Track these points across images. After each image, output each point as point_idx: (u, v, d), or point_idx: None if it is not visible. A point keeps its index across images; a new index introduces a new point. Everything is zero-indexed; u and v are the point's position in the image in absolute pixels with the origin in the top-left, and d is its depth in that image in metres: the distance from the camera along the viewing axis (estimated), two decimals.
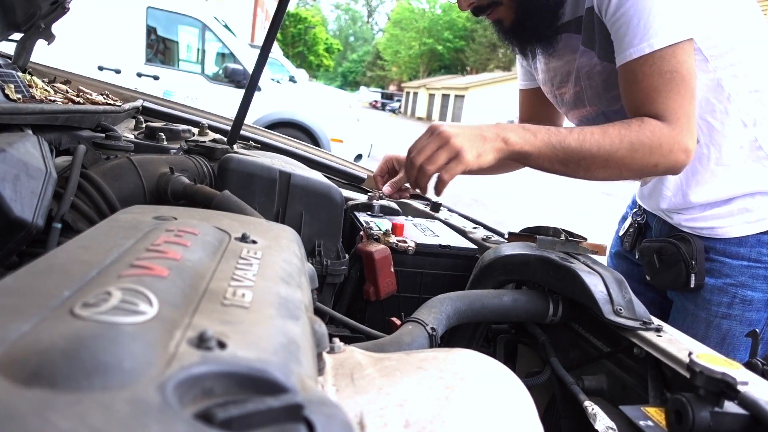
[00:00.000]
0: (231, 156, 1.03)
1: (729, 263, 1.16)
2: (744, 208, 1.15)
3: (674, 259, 1.18)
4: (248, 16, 21.80)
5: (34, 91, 1.09)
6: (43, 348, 0.26)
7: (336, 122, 6.47)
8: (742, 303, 1.15)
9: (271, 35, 1.33)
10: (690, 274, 1.16)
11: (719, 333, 1.16)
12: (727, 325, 1.16)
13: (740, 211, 1.16)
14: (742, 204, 1.15)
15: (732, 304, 1.16)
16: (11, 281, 0.34)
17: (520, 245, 1.02)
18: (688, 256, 1.17)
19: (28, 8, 1.30)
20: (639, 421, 0.64)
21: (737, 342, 1.16)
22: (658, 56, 1.01)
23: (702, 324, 1.17)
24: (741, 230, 1.16)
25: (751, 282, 1.15)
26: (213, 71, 6.48)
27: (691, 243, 1.17)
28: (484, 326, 1.03)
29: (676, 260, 1.18)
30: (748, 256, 1.15)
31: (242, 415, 0.26)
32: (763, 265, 1.15)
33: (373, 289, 1.09)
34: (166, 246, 0.42)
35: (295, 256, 0.53)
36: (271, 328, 0.35)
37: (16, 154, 0.75)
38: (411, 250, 1.14)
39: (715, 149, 1.14)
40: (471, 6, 1.18)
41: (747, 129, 1.12)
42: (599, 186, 10.17)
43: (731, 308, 1.16)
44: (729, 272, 1.16)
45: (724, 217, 1.17)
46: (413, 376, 0.47)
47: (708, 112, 1.13)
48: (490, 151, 1.01)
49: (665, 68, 1.01)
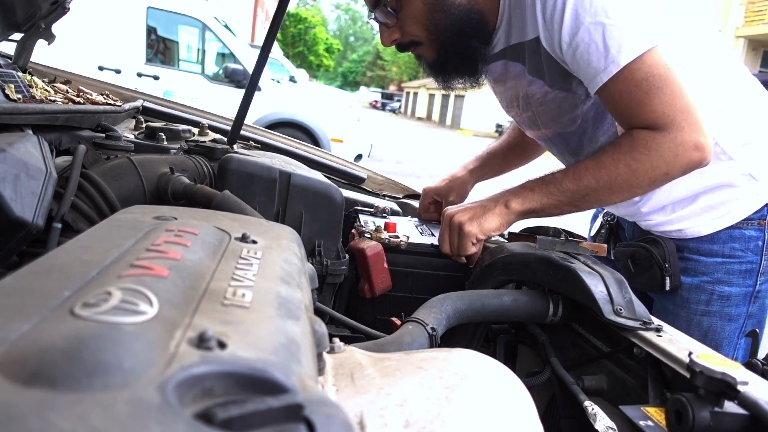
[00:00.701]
0: (231, 156, 1.03)
1: (703, 261, 1.17)
2: (707, 206, 1.16)
3: (648, 263, 1.19)
4: (248, 16, 21.80)
5: (34, 91, 1.09)
6: (43, 348, 0.26)
7: (336, 122, 6.47)
8: (720, 299, 1.16)
9: (271, 35, 1.33)
10: (665, 277, 1.17)
11: (700, 330, 1.17)
12: (708, 322, 1.17)
13: (703, 210, 1.16)
14: (704, 202, 1.16)
15: (710, 301, 1.16)
16: (11, 281, 0.34)
17: (520, 245, 1.02)
18: (661, 259, 1.17)
19: (28, 8, 1.30)
20: (639, 421, 0.64)
21: (719, 338, 1.17)
22: (627, 71, 0.97)
23: (683, 322, 1.17)
24: (709, 227, 1.16)
25: (726, 278, 1.16)
26: (213, 71, 6.48)
27: (663, 245, 1.18)
28: (484, 326, 1.03)
29: (650, 264, 1.18)
30: (722, 252, 1.16)
31: (242, 415, 0.26)
32: (737, 260, 1.15)
33: (367, 286, 1.09)
34: (166, 246, 0.42)
35: (295, 256, 0.53)
36: (271, 328, 0.35)
37: (16, 154, 0.75)
38: (403, 244, 1.14)
39: None
40: (393, 43, 1.18)
41: None
42: None
43: (710, 305, 1.16)
44: (704, 270, 1.17)
45: (689, 217, 1.17)
46: (413, 376, 0.47)
47: None
48: (493, 219, 1.08)
49: (639, 78, 0.97)
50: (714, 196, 1.15)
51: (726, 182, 1.14)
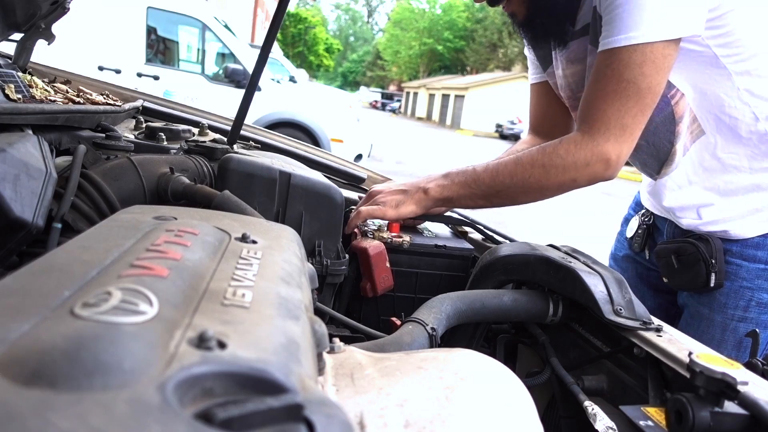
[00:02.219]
0: (231, 156, 1.02)
1: (746, 266, 1.16)
2: (754, 208, 1.15)
3: (694, 259, 1.17)
4: (248, 16, 21.80)
5: (34, 91, 1.09)
6: (43, 348, 0.26)
7: (336, 122, 6.47)
8: (758, 306, 1.15)
9: (271, 35, 1.33)
10: (710, 273, 1.15)
11: (735, 337, 1.16)
12: (744, 328, 1.15)
13: (750, 212, 1.15)
14: (752, 203, 1.15)
15: (748, 308, 1.15)
16: (11, 281, 0.34)
17: (520, 245, 1.02)
18: (708, 256, 1.16)
19: (28, 8, 1.30)
20: (639, 421, 0.64)
21: None
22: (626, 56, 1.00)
23: (718, 328, 1.16)
24: (754, 230, 1.15)
25: (766, 285, 1.14)
26: (213, 71, 6.48)
27: (711, 242, 1.17)
28: (484, 326, 1.03)
29: (696, 260, 1.17)
30: (765, 259, 1.15)
31: (242, 415, 0.26)
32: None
33: (369, 286, 1.09)
34: (166, 246, 0.42)
35: (295, 256, 0.53)
36: (271, 328, 0.35)
37: (16, 154, 0.75)
38: (406, 244, 1.14)
39: (722, 138, 1.14)
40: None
41: (759, 123, 1.11)
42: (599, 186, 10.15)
43: (747, 311, 1.15)
44: (745, 275, 1.16)
45: (735, 219, 1.16)
46: (413, 376, 0.47)
47: (717, 107, 1.12)
48: (410, 206, 1.16)
49: (626, 76, 1.01)
50: (761, 196, 1.15)
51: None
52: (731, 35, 1.05)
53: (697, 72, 1.10)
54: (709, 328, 1.18)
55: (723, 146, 1.14)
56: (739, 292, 1.16)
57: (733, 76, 1.09)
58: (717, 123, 1.13)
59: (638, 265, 1.38)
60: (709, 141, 1.15)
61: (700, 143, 1.16)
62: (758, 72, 1.09)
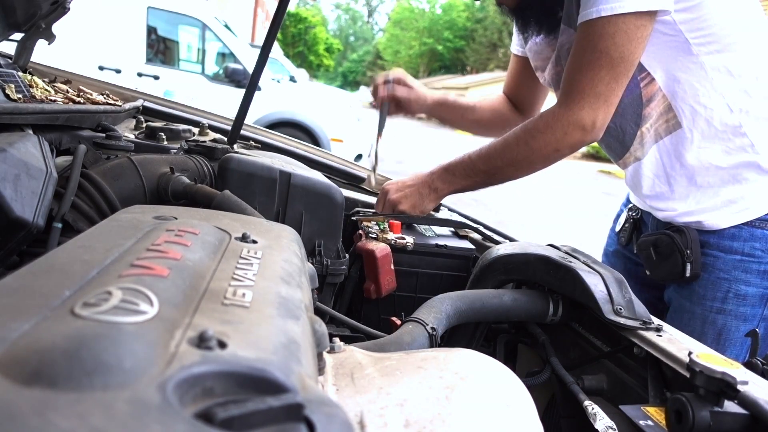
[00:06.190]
0: (231, 156, 1.02)
1: (722, 257, 1.17)
2: (728, 200, 1.16)
3: (670, 250, 1.19)
4: (248, 16, 21.79)
5: (34, 91, 1.09)
6: (43, 347, 0.26)
7: (336, 122, 6.46)
8: (736, 297, 1.15)
9: (272, 35, 1.33)
10: (685, 263, 1.17)
11: (715, 329, 1.16)
12: (722, 321, 1.16)
13: (724, 203, 1.17)
14: (726, 195, 1.16)
15: (726, 299, 1.16)
16: (12, 281, 0.34)
17: (520, 245, 1.02)
18: (683, 246, 1.17)
19: (28, 8, 1.30)
20: (639, 420, 0.64)
21: (733, 338, 1.16)
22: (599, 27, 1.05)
23: (698, 320, 1.17)
24: (728, 220, 1.16)
25: (744, 276, 1.15)
26: (213, 71, 6.48)
27: (686, 233, 1.18)
28: (484, 326, 1.03)
29: (672, 250, 1.19)
30: (741, 250, 1.16)
31: (242, 414, 0.26)
32: (756, 260, 1.15)
33: (374, 287, 1.09)
34: (166, 246, 0.42)
35: (296, 255, 0.53)
36: (272, 327, 0.35)
37: (16, 154, 0.75)
38: (410, 246, 1.14)
39: (698, 132, 1.16)
40: None
41: (733, 114, 1.13)
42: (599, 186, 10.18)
43: (725, 303, 1.16)
44: (722, 266, 1.16)
45: (709, 210, 1.18)
46: (413, 376, 0.47)
47: (691, 96, 1.14)
48: (429, 203, 1.30)
49: (599, 46, 1.06)
50: (735, 189, 1.16)
51: (750, 176, 1.15)
52: (703, 21, 1.08)
53: (670, 58, 1.13)
54: (690, 321, 1.19)
55: (699, 141, 1.16)
56: (717, 284, 1.16)
57: (706, 66, 1.11)
58: (693, 114, 1.15)
59: (627, 260, 1.40)
60: (686, 136, 1.17)
61: (677, 136, 1.19)
62: (731, 63, 1.11)
